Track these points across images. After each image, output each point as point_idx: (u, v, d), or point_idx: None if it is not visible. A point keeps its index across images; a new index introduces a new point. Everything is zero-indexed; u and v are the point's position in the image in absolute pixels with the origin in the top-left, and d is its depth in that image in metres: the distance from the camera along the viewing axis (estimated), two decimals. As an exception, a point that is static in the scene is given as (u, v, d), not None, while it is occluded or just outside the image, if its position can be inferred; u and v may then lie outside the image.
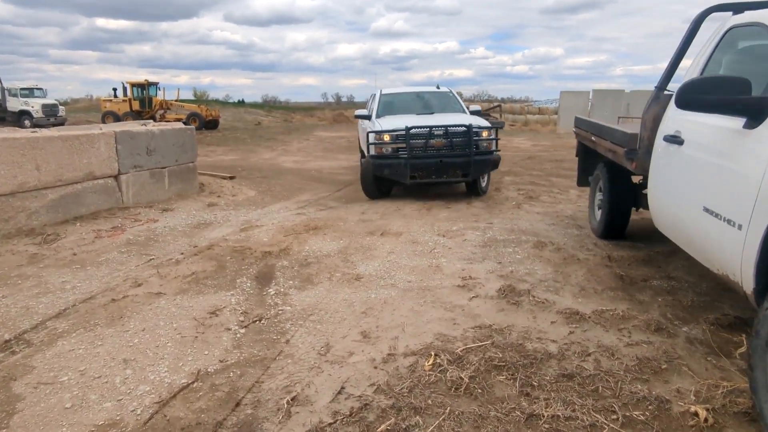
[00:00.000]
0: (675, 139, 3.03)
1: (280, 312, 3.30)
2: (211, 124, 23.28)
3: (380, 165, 6.92)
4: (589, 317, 3.12)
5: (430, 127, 6.86)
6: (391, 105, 8.34)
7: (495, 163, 7.24)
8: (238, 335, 2.98)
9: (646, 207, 4.55)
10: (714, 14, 3.41)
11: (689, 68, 3.23)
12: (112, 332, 3.01)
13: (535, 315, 3.19)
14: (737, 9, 3.22)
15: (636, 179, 4.81)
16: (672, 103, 3.32)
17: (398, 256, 4.45)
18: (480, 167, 6.97)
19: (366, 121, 8.26)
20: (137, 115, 22.25)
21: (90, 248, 4.66)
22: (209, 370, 2.60)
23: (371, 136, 7.01)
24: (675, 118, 3.13)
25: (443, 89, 9.27)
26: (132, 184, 6.48)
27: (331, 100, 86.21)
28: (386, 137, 6.90)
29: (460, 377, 2.41)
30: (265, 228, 5.50)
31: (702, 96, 2.35)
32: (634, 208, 4.74)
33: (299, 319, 3.19)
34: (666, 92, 3.45)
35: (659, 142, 3.29)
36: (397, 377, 2.47)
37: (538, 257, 4.40)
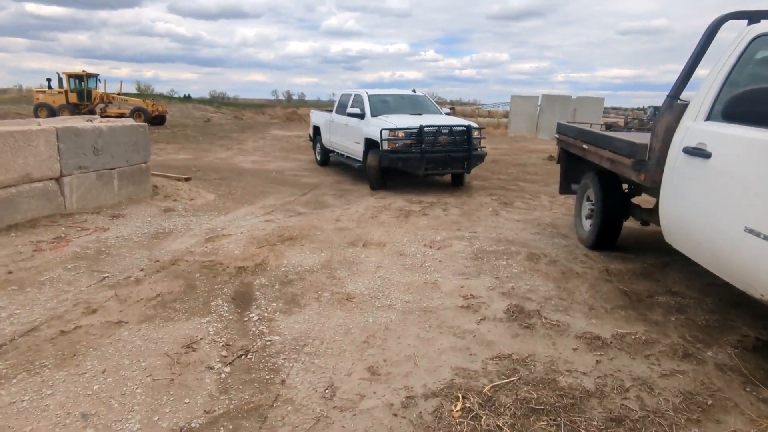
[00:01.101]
0: (699, 152, 2.85)
1: (268, 343, 2.86)
2: (157, 120, 21.94)
3: (395, 158, 7.61)
4: (611, 342, 2.89)
5: (439, 126, 7.73)
6: (380, 105, 8.79)
7: (483, 158, 8.33)
8: (223, 375, 2.53)
9: (637, 217, 4.44)
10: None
11: (708, 78, 3.07)
12: (65, 376, 2.48)
13: (554, 341, 2.92)
14: (753, 18, 3.09)
15: (624, 187, 4.69)
16: (688, 113, 3.16)
17: (388, 271, 4.09)
18: (475, 161, 8.10)
19: (353, 119, 8.78)
20: (74, 109, 20.69)
21: (29, 264, 4.00)
22: (193, 425, 2.14)
23: (385, 133, 7.56)
24: (697, 130, 2.96)
25: (419, 93, 9.97)
26: (76, 188, 5.76)
27: (281, 97, 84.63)
28: (401, 134, 7.59)
29: (498, 426, 2.09)
30: (234, 238, 4.98)
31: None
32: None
33: (292, 352, 2.77)
34: (679, 101, 3.28)
35: (676, 155, 3.11)
36: (423, 428, 2.12)
37: (534, 271, 4.17)
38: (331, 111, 10.44)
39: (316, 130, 10.98)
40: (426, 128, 7.56)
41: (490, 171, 10.99)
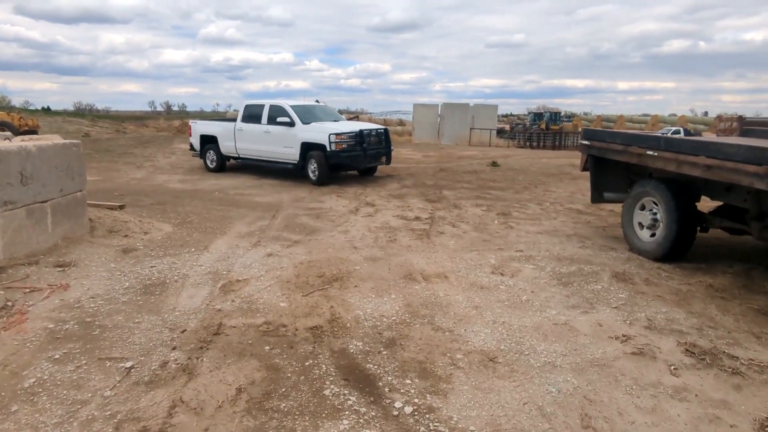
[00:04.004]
0: None
1: (467, 451, 1.98)
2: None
3: (344, 156, 9.09)
4: (844, 382, 2.46)
5: (371, 129, 9.72)
6: (305, 114, 9.76)
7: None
8: None
9: (716, 225, 4.19)
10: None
11: None
12: None
13: (786, 389, 2.42)
14: None
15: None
16: None
17: (494, 313, 3.34)
18: (391, 156, 10.15)
19: (279, 127, 9.70)
20: None
21: (-14, 360, 2.59)
22: None
23: (332, 137, 8.90)
24: None
25: (322, 104, 11.70)
26: (2, 231, 4.16)
27: (160, 109, 78.67)
28: (345, 137, 9.08)
29: None
30: (257, 284, 3.86)
31: None
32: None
33: (512, 461, 1.92)
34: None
35: None
36: None
37: (641, 294, 3.70)
38: (228, 120, 11.66)
39: (208, 139, 11.33)
40: (364, 131, 9.35)
41: (448, 180, 10.60)
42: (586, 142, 5.42)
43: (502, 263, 4.46)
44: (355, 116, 33.82)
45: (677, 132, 26.28)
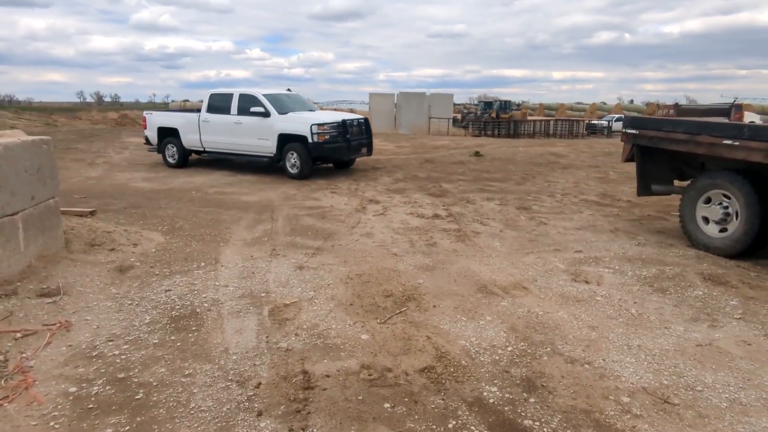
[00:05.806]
0: None
1: None
2: (-53, 130, 16.22)
3: (328, 148, 8.52)
4: None
5: (353, 120, 9.21)
6: (279, 104, 9.14)
7: None
8: None
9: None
10: None
11: None
12: None
13: None
14: None
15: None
16: None
17: (617, 334, 2.84)
18: (372, 147, 9.58)
19: (252, 118, 8.97)
20: None
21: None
22: None
23: (314, 128, 8.30)
24: None
25: (294, 93, 11.00)
26: (-32, 255, 3.21)
27: (90, 99, 73.79)
28: (327, 127, 8.49)
29: None
30: (313, 307, 3.16)
31: None
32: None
33: None
34: None
35: None
36: None
37: (753, 300, 3.34)
38: (188, 111, 10.98)
39: (168, 131, 10.32)
40: (347, 122, 8.81)
41: (438, 171, 10.10)
42: (633, 131, 5.03)
43: (573, 268, 3.98)
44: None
45: (620, 119, 27.33)
